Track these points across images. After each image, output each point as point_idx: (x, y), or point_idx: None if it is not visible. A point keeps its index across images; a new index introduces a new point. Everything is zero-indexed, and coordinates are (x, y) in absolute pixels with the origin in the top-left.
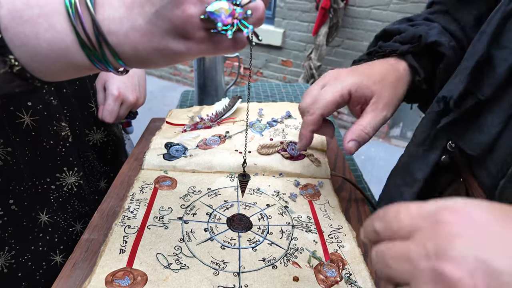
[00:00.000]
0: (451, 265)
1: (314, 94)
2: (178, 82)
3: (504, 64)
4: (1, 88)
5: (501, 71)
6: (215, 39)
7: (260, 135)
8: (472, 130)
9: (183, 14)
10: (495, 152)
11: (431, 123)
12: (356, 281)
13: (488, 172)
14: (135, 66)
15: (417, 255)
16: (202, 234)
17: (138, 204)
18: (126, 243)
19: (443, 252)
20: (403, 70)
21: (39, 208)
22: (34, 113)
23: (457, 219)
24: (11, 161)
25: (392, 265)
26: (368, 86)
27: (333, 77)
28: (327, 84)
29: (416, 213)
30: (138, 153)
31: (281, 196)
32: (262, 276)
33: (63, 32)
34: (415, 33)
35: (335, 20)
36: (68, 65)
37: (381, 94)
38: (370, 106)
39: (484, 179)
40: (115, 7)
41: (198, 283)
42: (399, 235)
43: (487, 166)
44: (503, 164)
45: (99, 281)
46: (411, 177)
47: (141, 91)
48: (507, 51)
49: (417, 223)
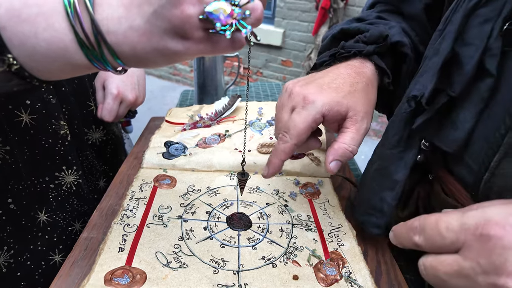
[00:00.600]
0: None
1: (285, 119)
2: (178, 82)
3: (470, 61)
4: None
5: (469, 67)
6: (213, 39)
7: (260, 134)
8: (446, 127)
9: (182, 14)
10: (471, 147)
11: (403, 124)
12: (356, 280)
13: (468, 169)
14: (133, 65)
15: (473, 272)
16: (202, 233)
17: (138, 203)
18: (125, 242)
19: (500, 267)
20: (371, 73)
21: (38, 207)
22: (32, 111)
23: (502, 232)
24: (10, 160)
25: (447, 280)
26: (340, 103)
27: (302, 99)
28: (296, 108)
29: (457, 227)
30: (137, 152)
31: (280, 195)
32: (261, 275)
33: (62, 32)
34: (381, 32)
35: (335, 20)
36: (66, 64)
37: (356, 107)
38: (349, 121)
39: (464, 175)
40: (114, 6)
41: (198, 281)
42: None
43: (466, 163)
44: (484, 158)
45: (98, 279)
46: (391, 181)
47: (141, 90)
48: (473, 48)
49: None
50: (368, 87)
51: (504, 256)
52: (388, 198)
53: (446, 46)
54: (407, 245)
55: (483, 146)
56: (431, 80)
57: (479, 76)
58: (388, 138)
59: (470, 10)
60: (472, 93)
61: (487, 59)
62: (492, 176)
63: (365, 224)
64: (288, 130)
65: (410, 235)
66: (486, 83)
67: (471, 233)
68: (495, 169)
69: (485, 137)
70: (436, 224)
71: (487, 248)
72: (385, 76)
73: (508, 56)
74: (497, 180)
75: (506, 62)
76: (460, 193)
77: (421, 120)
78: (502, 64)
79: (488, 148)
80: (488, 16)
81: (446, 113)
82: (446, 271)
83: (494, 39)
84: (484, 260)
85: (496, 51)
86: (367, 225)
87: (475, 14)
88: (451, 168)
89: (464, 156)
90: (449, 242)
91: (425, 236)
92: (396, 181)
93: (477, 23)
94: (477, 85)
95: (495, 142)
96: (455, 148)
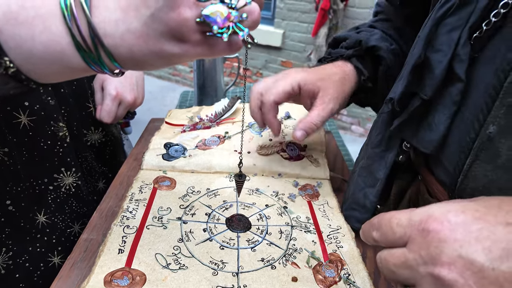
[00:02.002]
0: (445, 269)
1: (268, 83)
2: (178, 82)
3: (440, 66)
4: None
5: (438, 72)
6: (210, 41)
7: (259, 136)
8: (423, 129)
9: (179, 17)
10: (446, 149)
11: (384, 125)
12: (355, 281)
13: (445, 170)
14: (130, 68)
15: (416, 263)
16: (201, 234)
17: (137, 204)
18: (125, 243)
19: (437, 258)
20: (349, 71)
21: (36, 209)
22: (31, 113)
23: (440, 226)
24: (8, 161)
25: (396, 271)
26: (314, 82)
27: (284, 74)
28: (279, 80)
29: (405, 222)
30: (137, 153)
31: (280, 197)
32: (260, 276)
33: (59, 35)
34: (357, 38)
35: (334, 21)
36: (63, 67)
37: (327, 89)
38: (318, 100)
39: (442, 177)
40: (111, 9)
41: (197, 283)
42: (396, 244)
43: (443, 164)
44: (458, 161)
45: (98, 281)
46: (373, 178)
47: (139, 91)
48: (441, 53)
49: (408, 232)
50: (345, 80)
51: (440, 248)
52: (370, 195)
53: (416, 51)
54: (369, 241)
55: (457, 149)
56: (402, 83)
57: (450, 81)
58: (372, 138)
59: (439, 19)
60: (445, 96)
61: (456, 65)
62: (465, 178)
63: (349, 219)
64: (269, 90)
65: (370, 231)
66: (457, 87)
67: (415, 228)
68: (467, 171)
69: (458, 140)
70: (389, 220)
71: (427, 241)
72: (362, 75)
73: (477, 62)
74: (469, 182)
75: (475, 68)
76: (441, 193)
77: (398, 122)
78: (472, 70)
79: (461, 151)
80: (455, 25)
81: (422, 115)
82: (394, 263)
83: (461, 46)
84: (424, 252)
85: (464, 57)
86: (351, 219)
87: (443, 23)
88: (432, 169)
89: (441, 157)
90: (398, 236)
91: (381, 232)
92: (377, 179)
93: (445, 31)
94: (448, 89)
95: (466, 146)
96: (431, 149)
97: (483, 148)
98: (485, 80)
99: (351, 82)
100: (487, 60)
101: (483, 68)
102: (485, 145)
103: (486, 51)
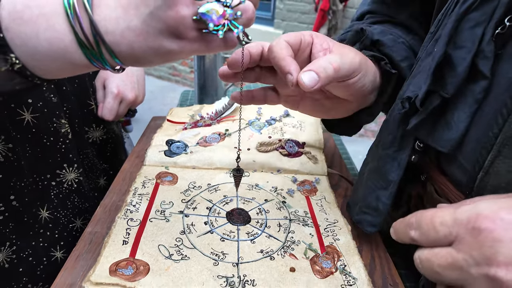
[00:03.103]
0: (502, 269)
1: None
2: (178, 82)
3: (463, 63)
4: (2, 86)
5: (461, 69)
6: (207, 38)
7: (259, 133)
8: (440, 128)
9: (176, 15)
10: (464, 147)
11: (397, 125)
12: (351, 272)
13: (461, 169)
14: (130, 64)
15: (466, 263)
16: (202, 227)
17: (140, 198)
18: (129, 235)
19: (491, 258)
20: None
21: (39, 204)
22: (34, 110)
23: (492, 225)
24: (12, 157)
25: (441, 272)
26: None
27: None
28: None
29: (450, 221)
30: (139, 150)
31: (279, 192)
32: (260, 267)
33: (62, 32)
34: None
35: (334, 22)
36: (66, 63)
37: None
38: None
39: (458, 175)
40: (112, 8)
41: (199, 273)
42: (439, 243)
43: (460, 163)
44: (478, 158)
45: (104, 270)
46: (385, 180)
47: (140, 89)
48: (465, 50)
49: (455, 231)
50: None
51: (495, 248)
52: (383, 197)
53: (439, 49)
54: (405, 240)
55: (476, 145)
56: (425, 82)
57: (472, 78)
58: (382, 138)
59: (462, 15)
60: (466, 94)
61: (481, 62)
62: (486, 174)
63: (361, 223)
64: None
65: (407, 230)
66: (480, 85)
67: (463, 226)
68: (489, 167)
69: (477, 137)
70: (431, 219)
71: (478, 240)
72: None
73: (500, 58)
74: (490, 178)
75: (498, 64)
76: (452, 193)
77: (416, 121)
78: (494, 67)
79: (482, 147)
80: (479, 20)
81: (439, 113)
82: (440, 264)
83: (486, 42)
84: (476, 252)
85: (489, 54)
86: (363, 224)
87: (467, 19)
88: (444, 168)
89: (457, 156)
90: (442, 235)
91: (421, 231)
92: (390, 181)
93: (468, 27)
94: (470, 86)
95: (488, 142)
96: (449, 148)
97: (507, 143)
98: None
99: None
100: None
101: (506, 64)
102: (509, 140)
103: (508, 47)
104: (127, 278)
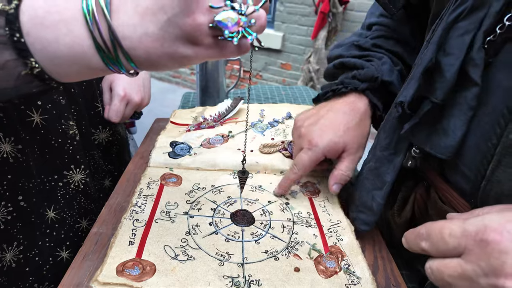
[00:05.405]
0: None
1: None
2: (178, 84)
3: (451, 69)
4: (21, 89)
5: (449, 75)
6: (221, 44)
7: (262, 135)
8: (437, 135)
9: (194, 23)
10: (464, 155)
11: (393, 128)
12: (355, 271)
13: (464, 177)
14: (146, 68)
15: (475, 274)
16: (207, 228)
17: (146, 199)
18: (135, 236)
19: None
20: (364, 108)
21: (46, 205)
22: (43, 112)
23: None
24: (21, 158)
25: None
26: (337, 143)
27: (308, 142)
28: (304, 148)
29: (459, 233)
30: (143, 151)
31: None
32: (264, 267)
33: (81, 37)
34: (373, 74)
35: (334, 24)
36: (84, 67)
37: (351, 143)
38: (345, 154)
39: (461, 184)
40: (130, 14)
41: (204, 273)
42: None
43: (461, 170)
44: (479, 167)
45: (111, 271)
46: (381, 181)
47: (146, 92)
48: (453, 57)
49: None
50: (362, 121)
51: (502, 259)
52: (377, 197)
53: (428, 55)
54: (415, 250)
55: (476, 154)
56: (413, 87)
57: (464, 85)
58: (380, 141)
59: (451, 23)
60: (461, 102)
61: (471, 69)
62: (488, 183)
63: (356, 221)
64: (297, 164)
65: (417, 241)
66: (472, 92)
67: (471, 238)
68: (490, 177)
69: (477, 145)
70: (440, 230)
71: (486, 252)
72: (378, 110)
73: (492, 67)
74: (493, 187)
75: (491, 73)
76: (457, 201)
77: (409, 126)
78: (487, 75)
79: (482, 156)
80: (468, 29)
81: (436, 120)
82: (450, 274)
83: (476, 50)
84: (484, 263)
85: (479, 61)
86: (357, 221)
87: (455, 27)
88: (447, 176)
89: (458, 164)
90: (452, 247)
91: (431, 242)
92: (385, 182)
93: (457, 35)
94: (463, 94)
95: (488, 151)
96: (448, 155)
97: (506, 153)
98: (503, 85)
99: (368, 119)
100: (502, 65)
101: (499, 73)
102: (508, 150)
103: (500, 55)
104: (134, 278)
